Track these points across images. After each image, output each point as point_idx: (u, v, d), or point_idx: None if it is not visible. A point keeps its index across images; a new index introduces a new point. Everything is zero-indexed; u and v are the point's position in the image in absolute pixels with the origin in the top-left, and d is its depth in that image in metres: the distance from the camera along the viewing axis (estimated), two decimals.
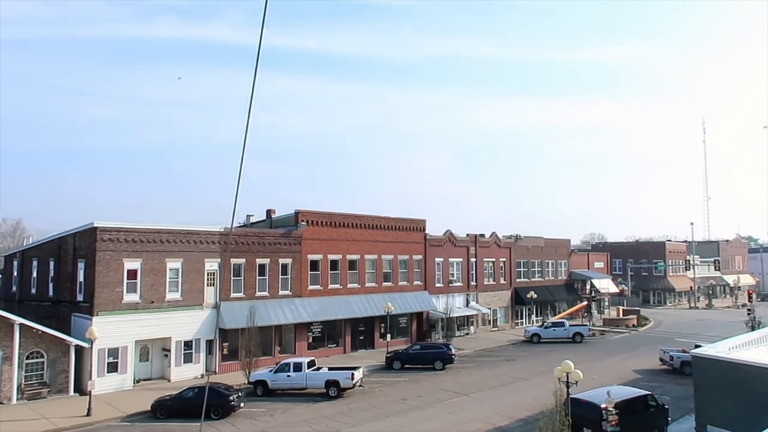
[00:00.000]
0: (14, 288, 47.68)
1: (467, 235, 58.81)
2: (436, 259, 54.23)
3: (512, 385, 34.55)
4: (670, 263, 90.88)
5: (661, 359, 39.83)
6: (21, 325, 31.01)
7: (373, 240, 48.51)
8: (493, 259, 61.09)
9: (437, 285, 53.99)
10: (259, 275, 40.81)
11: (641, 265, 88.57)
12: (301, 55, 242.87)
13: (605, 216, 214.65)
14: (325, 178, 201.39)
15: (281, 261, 42.11)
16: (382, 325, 47.20)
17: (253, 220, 49.35)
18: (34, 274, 43.43)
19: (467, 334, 56.00)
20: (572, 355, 28.90)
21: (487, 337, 55.10)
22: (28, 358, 31.51)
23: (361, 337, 47.19)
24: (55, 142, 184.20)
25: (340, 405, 30.26)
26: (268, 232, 42.79)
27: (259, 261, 40.84)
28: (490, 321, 59.87)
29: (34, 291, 43.24)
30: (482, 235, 60.51)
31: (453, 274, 56.01)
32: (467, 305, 56.91)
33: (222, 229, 39.44)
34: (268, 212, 48.04)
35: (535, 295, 59.96)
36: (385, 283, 49.17)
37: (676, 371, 37.61)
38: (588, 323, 59.43)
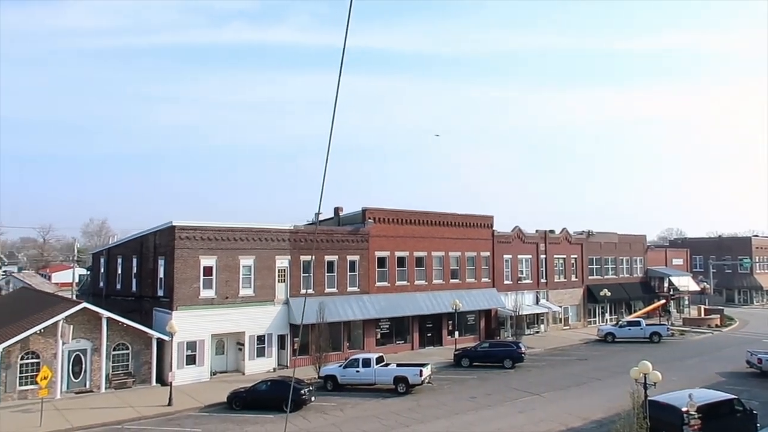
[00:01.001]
0: (101, 284, 50.72)
1: (536, 231, 57.55)
2: (505, 256, 53.37)
3: (585, 386, 33.53)
4: (756, 259, 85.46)
5: (747, 362, 37.52)
6: (108, 319, 32.97)
7: (440, 237, 48.31)
8: (564, 256, 59.48)
9: (506, 282, 53.14)
10: (327, 272, 41.51)
11: (725, 262, 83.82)
12: (364, 54, 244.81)
13: (683, 211, 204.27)
14: (391, 176, 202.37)
15: (349, 258, 42.66)
16: (450, 322, 46.95)
17: (321, 218, 50.20)
18: (119, 271, 46.01)
19: (537, 332, 54.83)
20: (650, 356, 27.66)
21: (558, 336, 53.74)
22: (114, 349, 33.46)
23: (429, 334, 47.13)
24: (133, 146, 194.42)
25: (409, 401, 30.35)
26: (336, 230, 43.46)
27: (327, 258, 41.55)
28: (561, 319, 58.36)
29: (119, 287, 45.83)
30: (552, 231, 59.05)
31: (522, 271, 54.97)
32: (537, 303, 55.73)
33: (292, 227, 40.39)
34: (336, 210, 48.76)
35: (608, 293, 57.91)
36: (452, 280, 48.87)
37: (764, 374, 35.39)
38: (666, 323, 56.77)
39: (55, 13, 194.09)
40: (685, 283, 70.69)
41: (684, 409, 20.94)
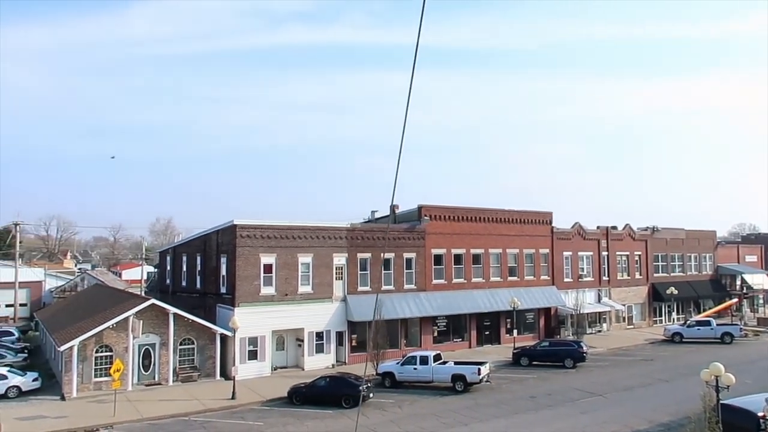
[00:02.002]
0: (168, 281, 52.78)
1: (597, 227, 55.93)
2: (564, 253, 52.13)
3: (651, 387, 32.35)
4: None
5: None
6: (175, 315, 34.29)
7: (498, 234, 47.65)
8: (627, 253, 57.55)
9: (566, 280, 51.92)
10: (384, 269, 41.70)
11: None
12: (420, 51, 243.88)
13: (757, 205, 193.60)
14: (448, 172, 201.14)
15: (405, 255, 42.71)
16: (508, 320, 46.30)
17: (377, 215, 50.50)
18: (184, 269, 47.75)
19: (599, 331, 53.32)
20: (721, 357, 26.39)
21: (621, 335, 52.07)
22: (181, 344, 34.75)
23: (487, 332, 46.63)
24: (196, 147, 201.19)
25: (467, 399, 30.13)
26: (393, 227, 43.58)
27: (384, 255, 41.72)
28: (624, 318, 56.52)
29: (184, 284, 47.57)
30: (614, 228, 57.26)
31: (583, 269, 53.56)
32: (599, 301, 54.19)
33: (348, 225, 40.80)
34: (392, 208, 48.88)
35: (675, 291, 55.63)
36: (510, 278, 48.15)
37: None
38: (739, 322, 54.04)
39: (123, 23, 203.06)
40: (760, 281, 67.13)
41: (761, 414, 19.89)
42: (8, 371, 31.91)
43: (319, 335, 38.52)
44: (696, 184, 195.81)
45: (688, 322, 51.94)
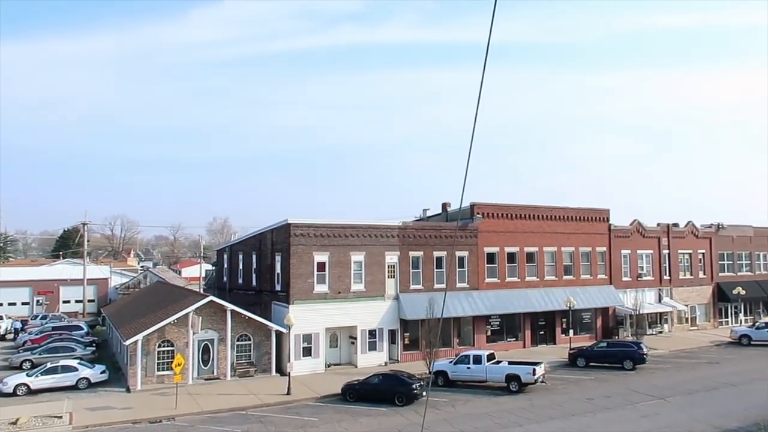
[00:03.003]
0: (225, 278, 54.32)
1: (657, 224, 53.99)
2: (623, 252, 50.58)
3: (717, 392, 31.00)
4: None
5: None
6: (232, 311, 35.24)
7: (552, 231, 46.70)
8: (690, 251, 55.32)
9: (624, 279, 50.37)
10: (436, 268, 41.56)
11: None
12: (465, 47, 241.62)
13: None
14: (499, 169, 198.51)
15: (458, 254, 42.43)
16: (564, 320, 45.33)
17: (429, 213, 50.39)
18: (240, 266, 49.02)
19: (660, 332, 51.48)
20: None
21: (683, 337, 50.13)
22: (238, 340, 35.69)
23: (541, 332, 45.80)
24: (252, 148, 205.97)
25: (522, 400, 29.69)
26: (445, 225, 43.39)
27: (436, 254, 41.57)
28: (687, 319, 54.38)
29: (240, 281, 48.83)
30: (676, 225, 55.15)
31: (642, 268, 51.82)
32: (659, 301, 52.31)
33: (400, 224, 40.88)
34: (444, 205, 48.68)
35: (743, 292, 53.07)
36: (565, 277, 47.11)
37: None
38: None
39: (183, 29, 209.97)
40: None
41: None
42: (78, 363, 33.60)
43: (372, 333, 38.75)
44: (760, 179, 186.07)
45: (758, 323, 49.49)
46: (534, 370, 31.21)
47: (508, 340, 44.15)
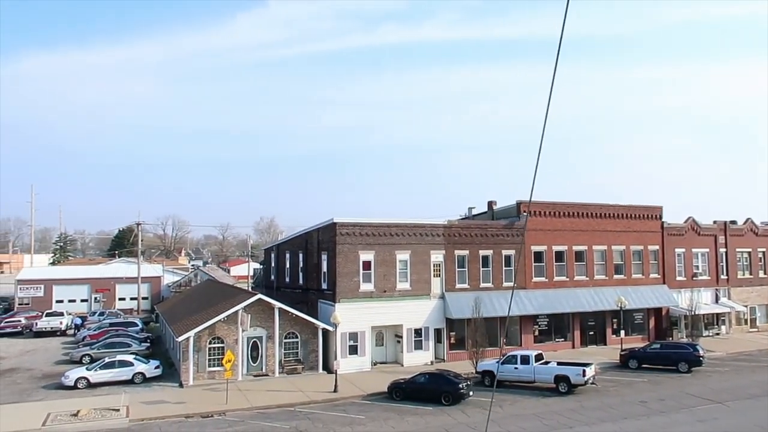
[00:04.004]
0: (272, 277, 55.26)
1: (714, 222, 51.97)
2: (676, 250, 48.90)
3: None
4: None
5: None
6: (279, 309, 35.80)
7: (602, 230, 45.56)
8: (749, 250, 53.03)
9: (678, 278, 48.70)
10: (482, 266, 41.16)
11: None
12: (508, 43, 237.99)
13: None
14: (545, 167, 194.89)
15: (504, 252, 41.90)
16: (615, 320, 44.18)
17: (474, 212, 49.95)
18: (287, 265, 49.76)
19: (717, 334, 49.56)
20: None
21: (743, 339, 48.09)
22: (285, 338, 36.23)
23: (591, 333, 44.76)
24: (297, 148, 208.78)
25: (571, 402, 29.10)
26: (491, 224, 42.92)
27: (482, 252, 41.18)
28: (746, 320, 52.16)
29: (287, 279, 49.56)
30: (733, 222, 52.96)
31: (697, 267, 49.98)
32: (716, 302, 50.37)
33: (446, 222, 40.68)
34: (490, 204, 48.16)
35: None
36: (616, 276, 45.89)
37: None
38: None
39: (228, 32, 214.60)
40: None
41: None
42: (134, 359, 34.81)
43: (418, 332, 38.70)
44: None
45: None
46: (584, 371, 30.53)
47: (557, 340, 43.35)
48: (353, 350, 36.75)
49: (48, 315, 56.28)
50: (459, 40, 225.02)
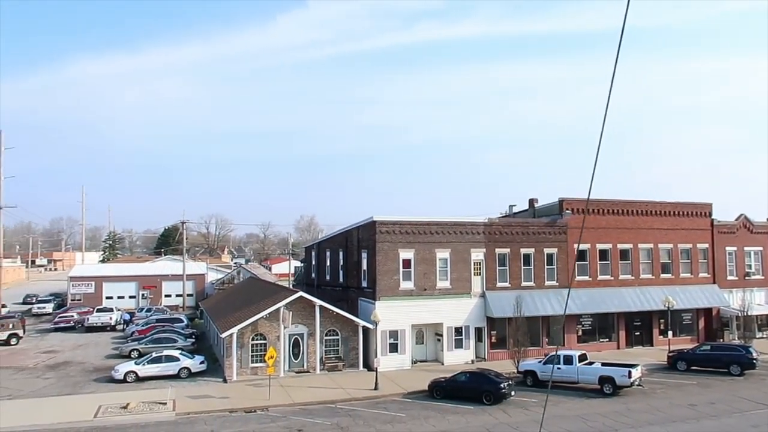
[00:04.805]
0: (313, 274, 55.78)
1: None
2: (728, 249, 47.17)
3: None
4: None
5: None
6: (320, 307, 36.13)
7: (648, 227, 44.33)
8: None
9: (729, 278, 46.97)
10: (524, 265, 40.61)
11: None
12: (548, 38, 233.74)
13: None
14: (585, 163, 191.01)
15: (546, 251, 41.22)
16: (662, 320, 42.94)
17: (515, 210, 49.28)
18: (327, 263, 50.14)
19: None
20: None
21: None
22: (326, 335, 36.54)
23: (637, 333, 43.61)
24: (336, 147, 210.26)
25: (616, 404, 28.41)
26: (532, 222, 42.29)
27: (523, 251, 40.62)
28: None
29: (328, 277, 49.96)
30: None
31: (750, 266, 48.08)
32: None
33: (486, 220, 40.28)
34: (531, 201, 47.42)
35: None
36: (663, 275, 44.58)
37: None
38: None
39: (268, 34, 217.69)
40: None
41: None
42: (180, 354, 35.68)
43: (458, 330, 38.45)
44: None
45: None
46: (630, 372, 29.77)
47: (601, 340, 42.41)
48: (393, 348, 36.77)
49: (98, 311, 58.25)
50: (497, 36, 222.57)
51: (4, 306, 62.73)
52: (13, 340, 47.17)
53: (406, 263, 37.68)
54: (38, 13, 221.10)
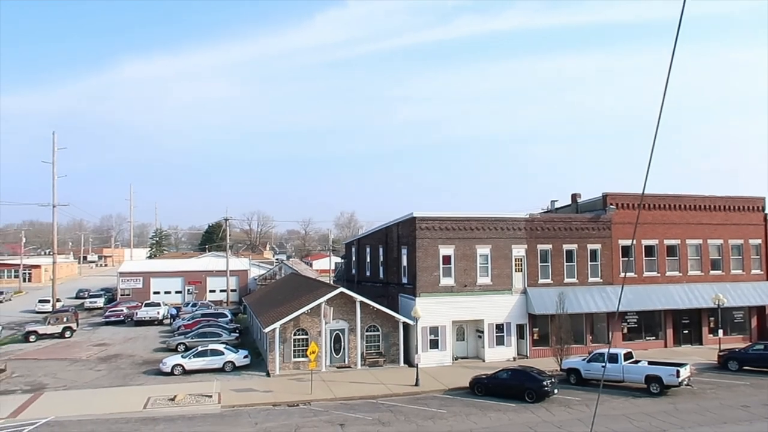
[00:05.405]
0: (353, 270, 56.14)
1: None
2: None
3: None
4: None
5: None
6: (361, 303, 36.37)
7: (696, 222, 42.96)
8: None
9: None
10: (566, 261, 39.92)
11: None
12: (589, 30, 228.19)
13: None
14: (629, 158, 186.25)
15: (589, 247, 40.44)
16: (712, 318, 41.58)
17: (557, 205, 48.53)
18: (368, 259, 50.39)
19: None
20: None
21: None
22: (367, 330, 36.78)
23: (685, 331, 42.37)
24: (376, 144, 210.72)
25: (664, 403, 27.69)
26: (575, 217, 41.52)
27: (566, 247, 39.95)
28: None
29: (368, 273, 50.21)
30: None
31: None
32: None
33: (527, 216, 39.77)
34: (573, 197, 46.59)
35: None
36: (712, 272, 43.15)
37: None
38: None
39: (307, 33, 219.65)
40: None
41: None
42: (224, 348, 36.51)
43: (499, 327, 38.13)
44: None
45: None
46: (678, 371, 28.94)
47: (647, 338, 41.36)
48: (434, 344, 36.74)
49: (146, 305, 60.09)
50: (537, 29, 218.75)
51: (58, 300, 65.42)
52: (68, 333, 49.14)
53: (446, 259, 37.55)
54: (81, 15, 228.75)
